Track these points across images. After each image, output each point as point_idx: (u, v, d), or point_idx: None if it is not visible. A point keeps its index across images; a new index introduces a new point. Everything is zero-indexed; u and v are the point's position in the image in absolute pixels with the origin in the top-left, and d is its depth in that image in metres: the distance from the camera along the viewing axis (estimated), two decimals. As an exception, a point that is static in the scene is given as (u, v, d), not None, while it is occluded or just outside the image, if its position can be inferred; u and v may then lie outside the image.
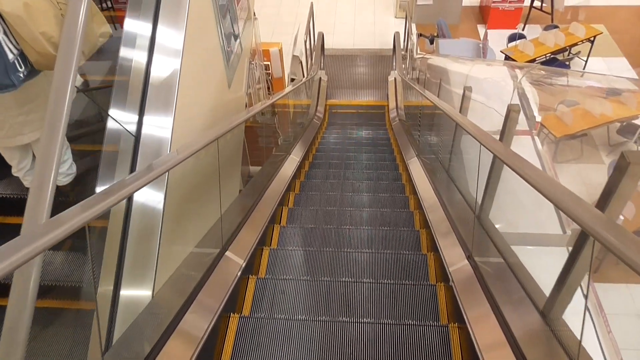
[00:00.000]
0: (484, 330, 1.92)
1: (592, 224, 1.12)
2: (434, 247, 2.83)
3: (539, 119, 5.06)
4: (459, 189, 3.24)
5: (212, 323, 2.01)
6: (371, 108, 8.34)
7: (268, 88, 5.65)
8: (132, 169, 2.13)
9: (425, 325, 2.20)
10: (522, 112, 5.10)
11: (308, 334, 2.20)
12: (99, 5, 3.60)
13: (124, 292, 1.92)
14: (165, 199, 2.05)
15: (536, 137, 4.91)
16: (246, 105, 3.83)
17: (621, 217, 1.56)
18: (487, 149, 2.16)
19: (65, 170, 2.38)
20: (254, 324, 2.23)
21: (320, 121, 7.15)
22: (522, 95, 5.16)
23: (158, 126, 2.20)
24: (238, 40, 3.25)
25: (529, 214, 3.46)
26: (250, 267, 2.66)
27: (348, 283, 2.56)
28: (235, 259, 2.46)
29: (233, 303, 2.34)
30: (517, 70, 5.53)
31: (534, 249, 3.37)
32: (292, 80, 7.40)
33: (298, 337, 2.19)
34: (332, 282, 2.59)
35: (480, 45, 6.74)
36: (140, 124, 2.16)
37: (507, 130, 2.56)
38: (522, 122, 5.06)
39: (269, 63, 5.48)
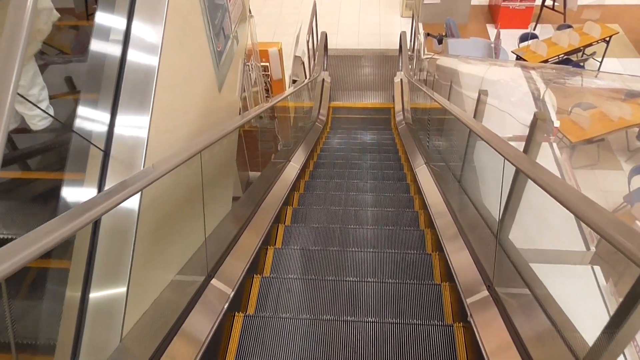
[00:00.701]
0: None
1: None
2: (449, 277, 2.51)
3: (557, 124, 4.73)
4: (475, 204, 2.93)
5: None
6: (376, 111, 8.03)
7: (267, 90, 5.35)
8: (101, 187, 1.84)
9: (430, 325, 2.17)
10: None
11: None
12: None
13: (88, 333, 1.63)
14: (137, 224, 1.75)
15: (554, 144, 4.59)
16: (240, 111, 3.54)
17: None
18: (512, 163, 1.84)
19: (41, 112, 2.10)
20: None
21: (322, 124, 6.84)
22: (539, 99, 4.84)
23: (131, 138, 1.90)
24: (230, 40, 2.95)
25: (549, 228, 3.16)
26: (240, 296, 2.37)
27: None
28: (223, 289, 2.16)
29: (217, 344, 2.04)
30: (534, 72, 5.22)
31: (555, 269, 3.06)
32: (294, 81, 7.10)
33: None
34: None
35: (492, 45, 6.42)
36: (110, 135, 1.87)
37: (532, 141, 2.24)
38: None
39: (267, 64, 5.17)
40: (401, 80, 8.11)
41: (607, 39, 7.77)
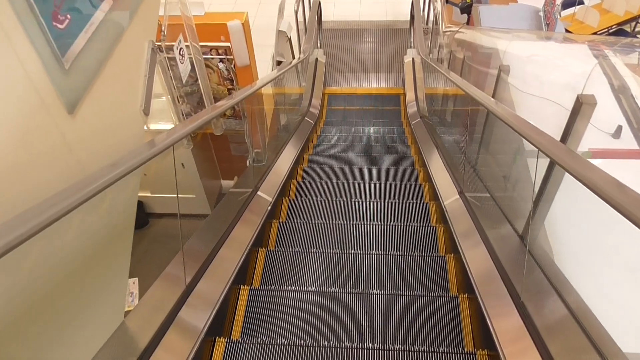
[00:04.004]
0: None
1: None
2: None
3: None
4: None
5: None
6: (383, 98, 6.55)
7: (231, 81, 3.89)
8: None
9: (434, 296, 2.03)
10: (626, 122, 3.18)
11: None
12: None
13: None
14: None
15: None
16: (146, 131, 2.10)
17: None
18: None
19: None
20: None
21: (314, 120, 5.38)
22: (622, 90, 3.32)
23: None
24: (103, 4, 1.50)
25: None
26: None
27: None
28: None
29: None
30: (610, 52, 3.74)
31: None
32: (279, 63, 5.61)
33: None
34: None
35: (542, 13, 4.87)
36: None
37: None
38: (626, 136, 3.20)
39: (229, 44, 3.63)
40: (413, 60, 6.62)
41: (673, 4, 6.22)
